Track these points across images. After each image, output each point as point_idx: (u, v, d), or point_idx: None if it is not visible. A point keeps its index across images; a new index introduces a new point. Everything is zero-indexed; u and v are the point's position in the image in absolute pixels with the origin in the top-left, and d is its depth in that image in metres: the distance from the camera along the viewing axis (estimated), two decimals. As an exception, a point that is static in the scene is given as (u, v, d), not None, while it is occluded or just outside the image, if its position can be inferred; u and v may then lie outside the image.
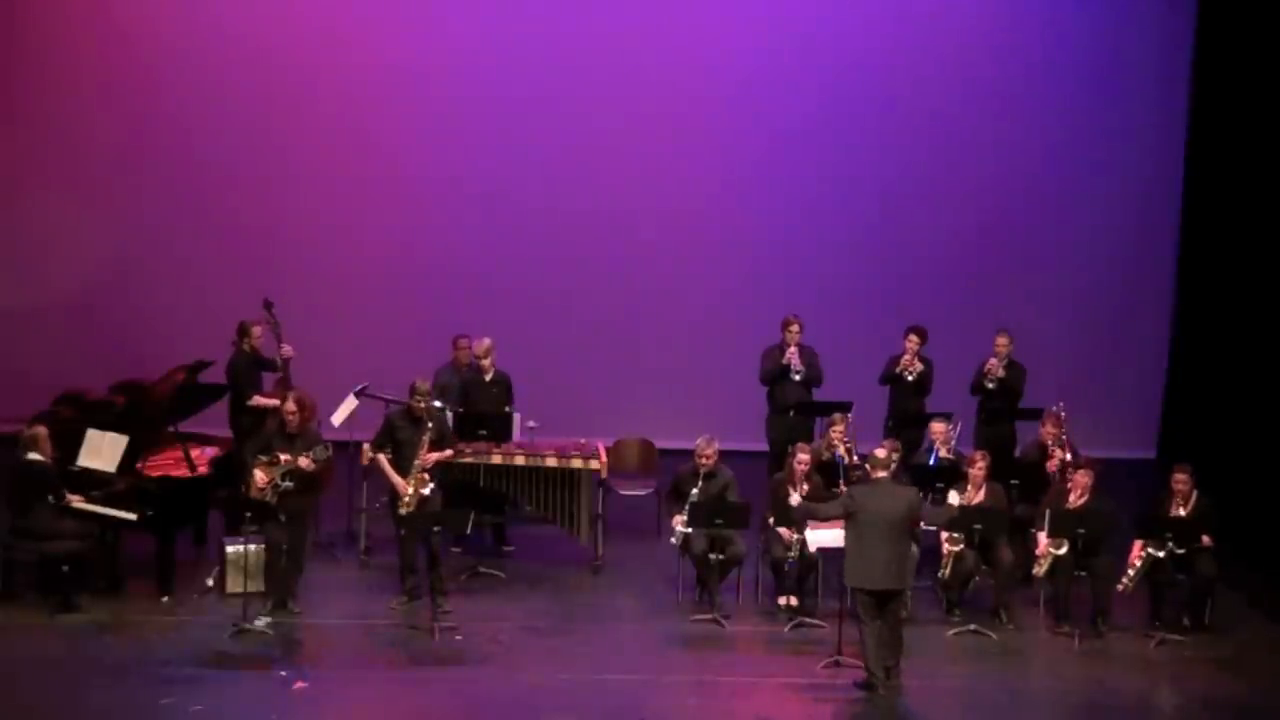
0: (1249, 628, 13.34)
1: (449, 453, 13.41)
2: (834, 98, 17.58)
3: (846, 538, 11.83)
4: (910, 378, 15.19)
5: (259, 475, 12.78)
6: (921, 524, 12.54)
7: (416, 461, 13.07)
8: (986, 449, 13.88)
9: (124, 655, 12.05)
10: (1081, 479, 13.14)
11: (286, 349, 14.68)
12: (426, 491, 13.05)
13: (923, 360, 15.24)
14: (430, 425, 13.15)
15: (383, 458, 13.27)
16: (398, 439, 13.23)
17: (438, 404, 13.56)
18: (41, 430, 12.91)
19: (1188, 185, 17.64)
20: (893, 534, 11.71)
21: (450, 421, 13.75)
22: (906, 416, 15.06)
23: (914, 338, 15.24)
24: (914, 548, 12.66)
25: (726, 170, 17.69)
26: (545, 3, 17.56)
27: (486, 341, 14.54)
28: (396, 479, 13.12)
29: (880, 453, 12.08)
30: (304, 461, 12.79)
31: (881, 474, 11.96)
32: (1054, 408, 14.21)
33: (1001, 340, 15.19)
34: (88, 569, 12.91)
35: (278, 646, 12.30)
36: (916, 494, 12.26)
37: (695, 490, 13.23)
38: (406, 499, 13.02)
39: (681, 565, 13.41)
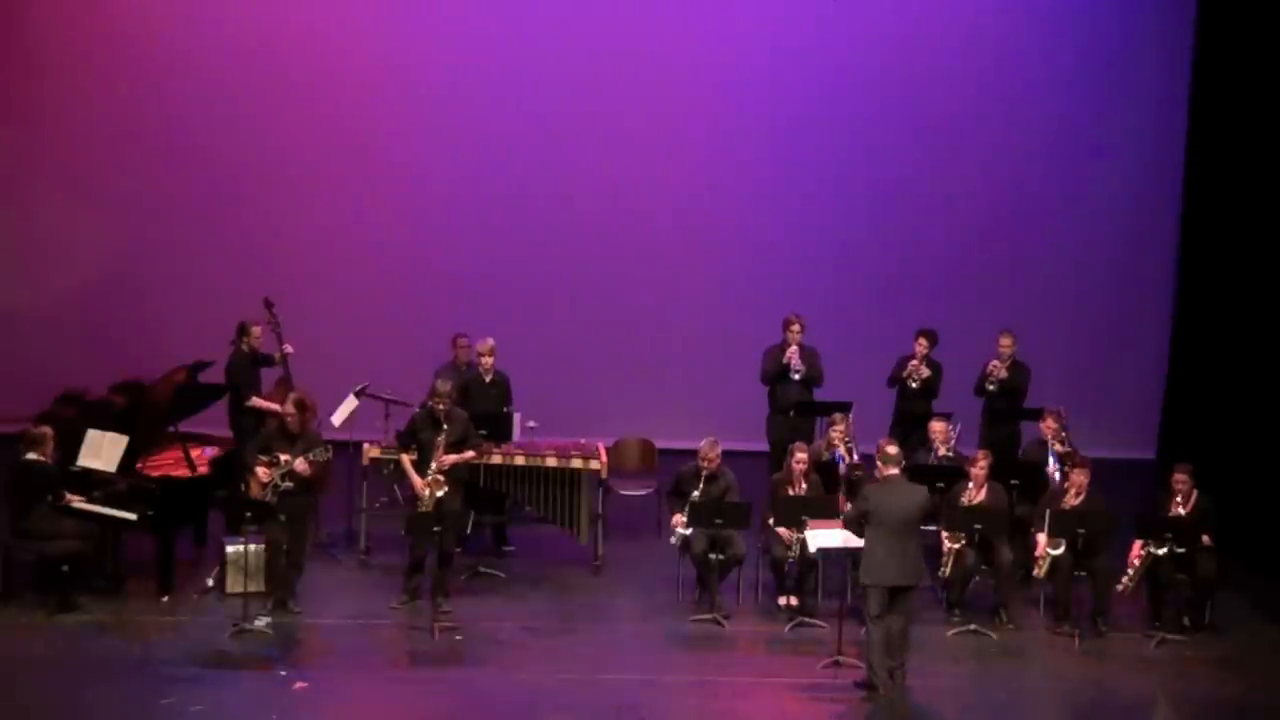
0: (1249, 628, 13.34)
1: (470, 454, 13.39)
2: (834, 98, 17.58)
3: (865, 536, 11.81)
4: (914, 385, 15.19)
5: (261, 474, 12.78)
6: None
7: (433, 464, 13.08)
8: (991, 450, 13.88)
9: (124, 655, 12.05)
10: (1078, 478, 13.15)
11: (287, 346, 14.69)
12: (440, 493, 13.05)
13: (931, 364, 15.24)
14: (448, 427, 13.14)
15: (405, 458, 13.28)
16: (420, 440, 13.22)
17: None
18: (46, 430, 12.91)
19: (1188, 185, 17.64)
20: (907, 530, 11.70)
21: (470, 423, 13.67)
22: (912, 418, 15.05)
23: (923, 341, 15.23)
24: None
25: (727, 170, 17.69)
26: (546, 5, 17.56)
27: (490, 341, 14.53)
28: (416, 479, 13.13)
29: (892, 449, 12.04)
30: (300, 465, 12.77)
31: (894, 470, 11.94)
32: (1055, 407, 14.24)
33: (1005, 341, 15.20)
34: (88, 569, 12.92)
35: (278, 646, 12.30)
36: (926, 491, 12.21)
37: (696, 492, 13.23)
38: (424, 499, 13.03)
39: (681, 565, 13.41)
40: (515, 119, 17.46)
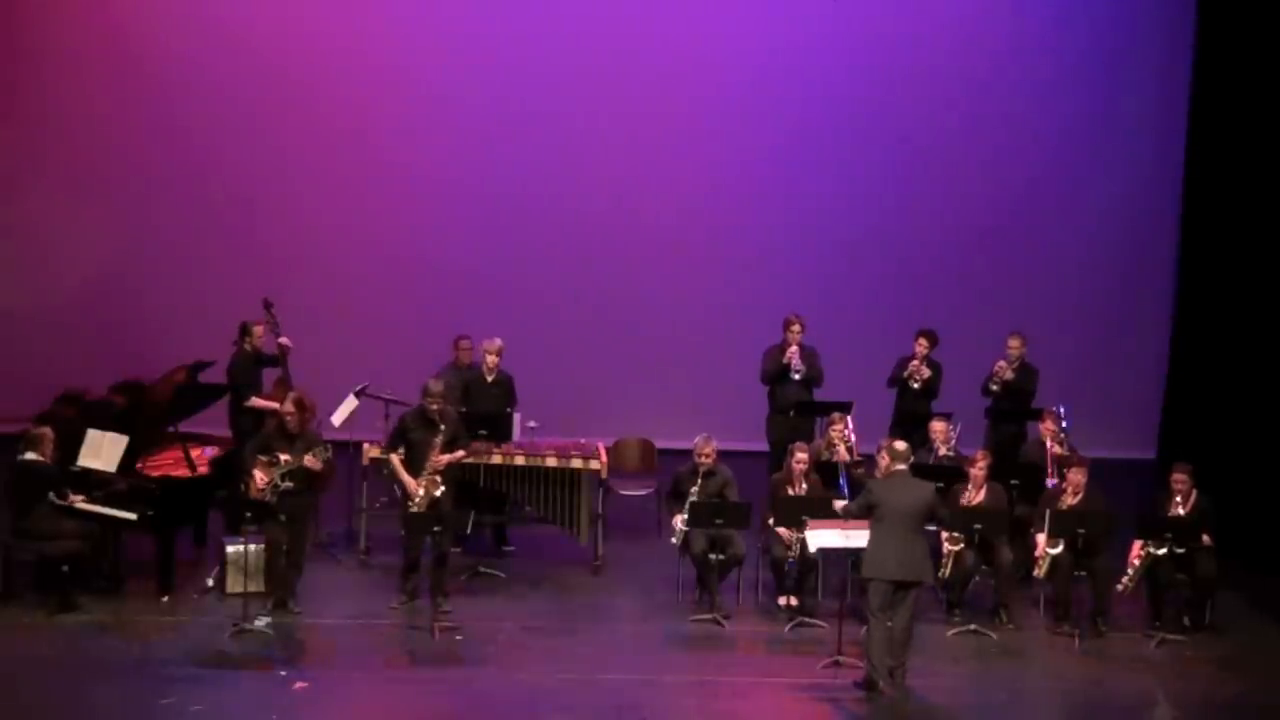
0: (1249, 628, 13.34)
1: (461, 453, 13.40)
2: (834, 98, 17.59)
3: (869, 531, 11.82)
4: (916, 385, 15.19)
5: (259, 475, 12.78)
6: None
7: (429, 463, 13.08)
8: (994, 450, 13.88)
9: (124, 655, 12.05)
10: (1075, 477, 13.15)
11: (285, 340, 14.68)
12: (438, 493, 13.05)
13: (931, 365, 15.24)
14: (444, 426, 13.15)
15: (395, 458, 13.27)
16: (409, 439, 13.22)
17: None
18: (46, 431, 12.91)
19: (1188, 186, 17.64)
20: (910, 526, 11.70)
21: (461, 423, 13.69)
22: (912, 418, 15.03)
23: (923, 341, 15.24)
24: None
25: (728, 171, 17.70)
26: (548, 5, 17.56)
27: (498, 341, 14.56)
28: (408, 479, 13.12)
29: (900, 445, 12.03)
30: (309, 460, 12.76)
31: (900, 466, 11.93)
32: (1054, 407, 14.25)
33: (1013, 343, 15.20)
34: (88, 569, 12.92)
35: (278, 646, 12.30)
36: (933, 489, 12.14)
37: (694, 489, 13.24)
38: (417, 500, 13.02)
39: (681, 565, 13.41)
40: (516, 119, 17.46)
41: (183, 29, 17.31)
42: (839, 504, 12.98)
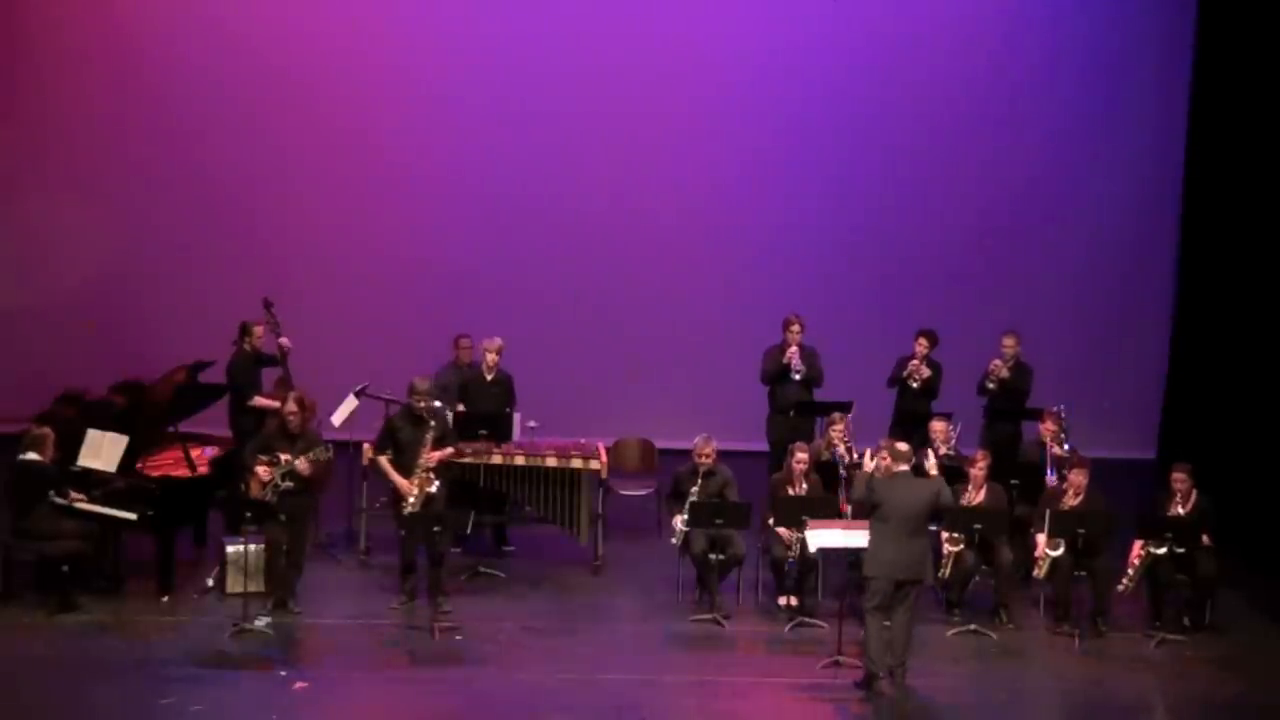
0: (1249, 628, 13.34)
1: (450, 451, 13.41)
2: (835, 98, 17.60)
3: (870, 530, 11.82)
4: (915, 384, 15.20)
5: (259, 475, 12.78)
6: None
7: (421, 461, 13.08)
8: (990, 449, 13.88)
9: (124, 655, 12.05)
10: (1076, 478, 13.14)
11: (285, 341, 14.68)
12: (433, 490, 13.05)
13: (931, 364, 15.24)
14: (433, 423, 13.15)
15: (384, 460, 13.27)
16: (398, 440, 13.23)
17: (437, 403, 13.54)
18: (46, 431, 12.90)
19: (1188, 185, 17.65)
20: (912, 526, 11.70)
21: (450, 421, 13.75)
22: (912, 418, 15.03)
23: (923, 341, 15.25)
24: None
25: (728, 171, 17.70)
26: (548, 5, 17.56)
27: (498, 340, 14.57)
28: (400, 480, 13.12)
29: (903, 446, 12.01)
30: (301, 464, 12.78)
31: (903, 467, 11.92)
32: (1054, 407, 14.25)
33: (1008, 341, 15.22)
34: (88, 569, 12.91)
35: (278, 646, 12.30)
36: (934, 488, 12.02)
37: (694, 489, 13.24)
38: (412, 499, 13.02)
39: (681, 565, 13.41)
40: (516, 119, 17.46)
41: (183, 29, 17.31)
42: (869, 463, 12.86)
